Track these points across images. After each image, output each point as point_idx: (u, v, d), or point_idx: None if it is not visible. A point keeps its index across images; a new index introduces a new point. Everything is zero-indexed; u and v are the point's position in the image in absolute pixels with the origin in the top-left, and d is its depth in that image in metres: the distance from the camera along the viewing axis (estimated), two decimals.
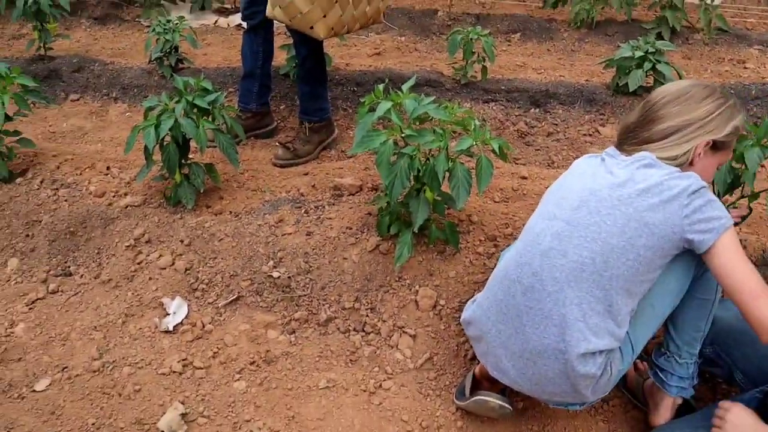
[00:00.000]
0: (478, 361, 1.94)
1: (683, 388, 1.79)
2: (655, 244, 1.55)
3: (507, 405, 1.79)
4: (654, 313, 1.71)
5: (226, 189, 2.75)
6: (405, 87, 2.21)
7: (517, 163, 3.17)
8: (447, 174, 2.09)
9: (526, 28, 5.04)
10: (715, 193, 1.86)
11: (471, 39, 3.62)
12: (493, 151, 2.09)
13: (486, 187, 2.06)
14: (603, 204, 1.59)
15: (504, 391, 1.87)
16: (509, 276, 1.70)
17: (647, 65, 3.53)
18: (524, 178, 2.94)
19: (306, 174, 2.96)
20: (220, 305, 2.27)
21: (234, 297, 2.29)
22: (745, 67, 4.41)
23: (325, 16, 2.62)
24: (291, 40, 3.32)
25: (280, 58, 3.75)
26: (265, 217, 2.53)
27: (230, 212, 2.58)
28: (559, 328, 1.59)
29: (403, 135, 2.11)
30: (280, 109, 3.64)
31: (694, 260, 1.64)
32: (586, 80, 3.93)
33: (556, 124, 3.45)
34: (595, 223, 1.59)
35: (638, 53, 3.55)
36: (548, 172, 3.05)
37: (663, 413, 1.81)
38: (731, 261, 1.52)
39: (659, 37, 4.72)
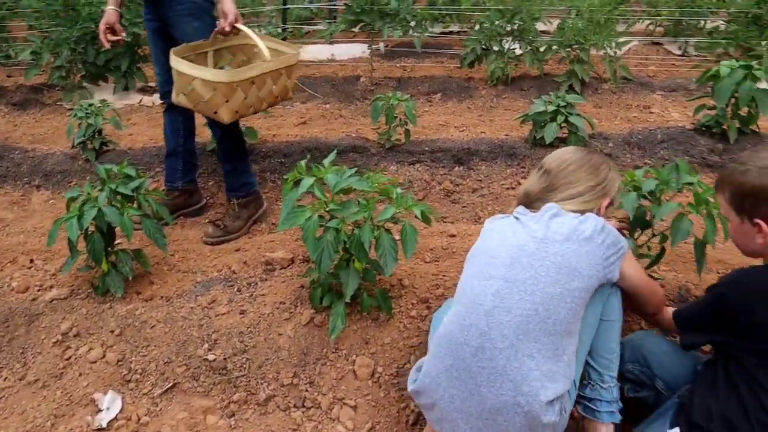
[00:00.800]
0: (421, 427, 1.95)
1: (612, 413, 1.85)
2: (586, 284, 1.70)
3: None
4: (582, 348, 1.80)
5: (157, 273, 2.72)
6: (326, 161, 2.27)
7: (445, 222, 3.25)
8: (374, 242, 2.13)
9: (446, 88, 5.24)
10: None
11: (392, 104, 3.74)
12: (417, 216, 2.16)
13: (412, 253, 2.11)
14: (533, 257, 1.71)
15: None
16: (455, 340, 1.73)
17: (560, 118, 3.72)
18: (453, 236, 3.02)
19: (237, 250, 2.96)
20: (155, 395, 2.22)
21: (170, 385, 2.24)
22: (651, 112, 4.69)
23: (227, 101, 2.66)
24: None
25: (207, 133, 3.77)
26: (197, 299, 2.51)
27: (161, 297, 2.55)
28: (514, 383, 1.63)
29: (327, 209, 2.15)
30: (208, 185, 3.64)
31: (601, 289, 1.78)
32: (506, 135, 4.10)
33: (480, 180, 3.57)
34: (531, 276, 1.69)
35: (551, 107, 3.74)
36: (476, 227, 3.14)
37: None
38: (635, 279, 1.85)
39: (571, 88, 4.99)
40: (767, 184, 1.58)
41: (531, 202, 1.87)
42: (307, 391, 2.21)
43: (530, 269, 1.69)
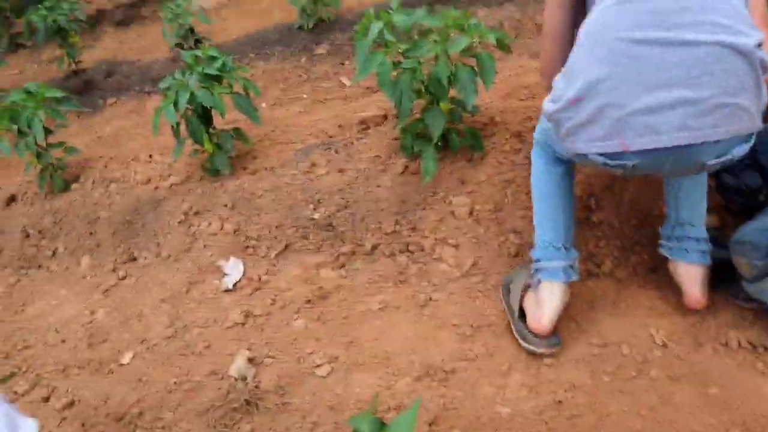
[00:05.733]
0: (522, 258, 1.94)
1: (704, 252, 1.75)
2: None
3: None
4: None
5: (259, 148, 2.83)
6: (393, 3, 2.19)
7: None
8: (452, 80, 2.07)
9: None
10: None
11: None
12: (493, 44, 2.06)
13: (491, 82, 2.03)
14: None
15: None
16: (646, 15, 1.38)
17: None
18: None
19: (335, 116, 3.00)
20: (272, 256, 2.38)
21: (283, 246, 2.39)
22: None
23: None
24: None
25: None
26: (299, 165, 2.60)
27: (265, 169, 2.67)
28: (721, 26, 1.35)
29: (400, 50, 2.10)
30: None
31: None
32: None
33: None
34: None
35: None
36: None
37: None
38: None
39: None
40: None
41: None
42: (409, 236, 2.27)
43: None
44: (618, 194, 2.08)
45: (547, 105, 1.54)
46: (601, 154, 1.46)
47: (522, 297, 1.85)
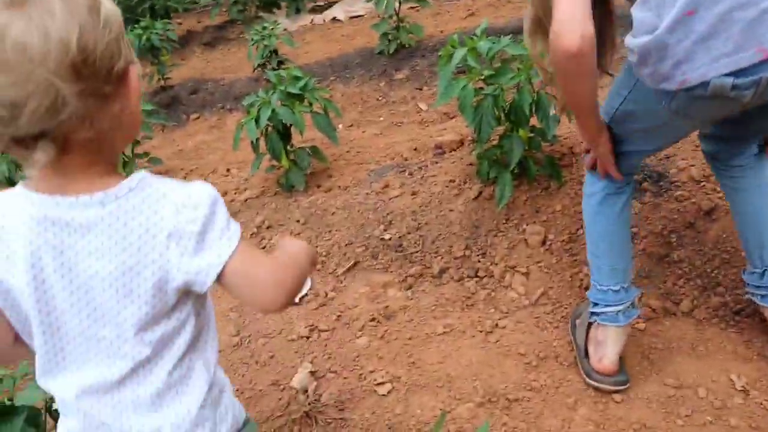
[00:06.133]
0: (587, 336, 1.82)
1: None
2: None
3: None
4: None
5: (334, 167, 2.88)
6: (479, 30, 2.21)
7: None
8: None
9: None
10: None
11: None
12: None
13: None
14: None
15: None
16: None
17: None
18: None
19: (410, 140, 3.02)
20: (339, 273, 2.39)
21: (351, 263, 2.40)
22: None
23: None
24: None
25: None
26: (372, 185, 2.63)
27: (339, 187, 2.71)
28: None
29: (482, 77, 2.11)
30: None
31: None
32: None
33: None
34: None
35: None
36: None
37: None
38: None
39: None
40: None
41: None
42: (479, 261, 2.24)
43: None
44: (702, 232, 2.00)
45: (639, 39, 1.22)
46: (730, 74, 1.16)
47: (586, 335, 1.79)
